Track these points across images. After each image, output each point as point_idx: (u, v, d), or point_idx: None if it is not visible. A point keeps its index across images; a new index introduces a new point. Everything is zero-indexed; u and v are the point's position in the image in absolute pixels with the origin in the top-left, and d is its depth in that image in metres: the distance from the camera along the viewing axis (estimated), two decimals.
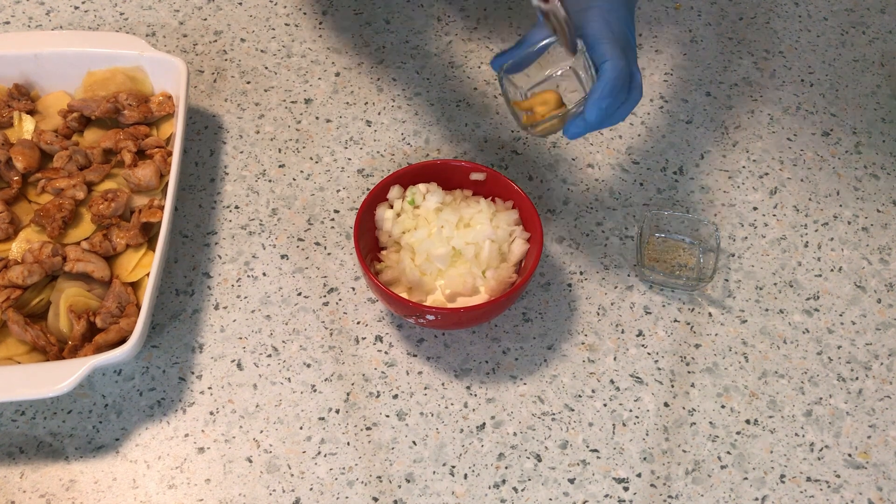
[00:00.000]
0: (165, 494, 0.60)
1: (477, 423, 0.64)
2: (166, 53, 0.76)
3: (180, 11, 0.89)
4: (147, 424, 0.63)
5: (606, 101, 0.57)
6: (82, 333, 0.63)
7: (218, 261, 0.72)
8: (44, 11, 0.89)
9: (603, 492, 0.61)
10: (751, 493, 0.62)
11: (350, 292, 0.70)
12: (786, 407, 0.66)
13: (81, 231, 0.69)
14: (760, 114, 0.84)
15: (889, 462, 0.64)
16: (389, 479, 0.61)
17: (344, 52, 0.87)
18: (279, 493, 0.61)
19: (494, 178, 0.68)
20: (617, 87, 0.57)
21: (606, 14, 0.59)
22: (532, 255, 0.65)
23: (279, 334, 0.68)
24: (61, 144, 0.72)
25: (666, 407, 0.65)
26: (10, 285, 0.64)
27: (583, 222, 0.75)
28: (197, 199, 0.76)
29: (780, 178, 0.79)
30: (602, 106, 0.57)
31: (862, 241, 0.75)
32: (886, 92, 0.87)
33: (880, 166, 0.81)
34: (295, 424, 0.64)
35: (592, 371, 0.67)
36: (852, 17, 0.94)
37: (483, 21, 0.90)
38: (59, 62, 0.76)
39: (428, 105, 0.83)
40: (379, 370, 0.66)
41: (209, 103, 0.82)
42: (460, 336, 0.68)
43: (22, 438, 0.63)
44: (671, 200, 0.77)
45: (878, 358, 0.69)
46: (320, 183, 0.77)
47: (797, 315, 0.71)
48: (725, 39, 0.90)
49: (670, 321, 0.70)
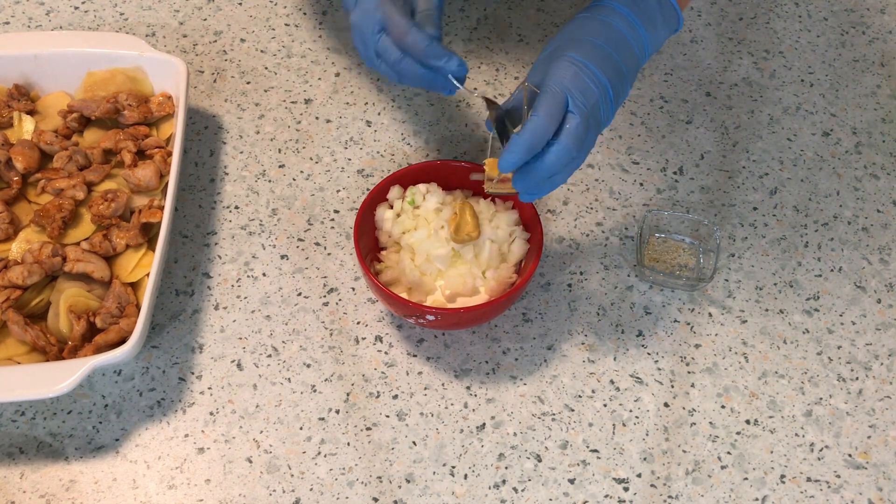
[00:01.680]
0: (165, 495, 0.60)
1: (477, 424, 0.64)
2: (166, 54, 0.76)
3: (180, 11, 0.89)
4: (147, 425, 0.63)
5: (516, 155, 0.54)
6: (82, 334, 0.63)
7: (218, 261, 0.72)
8: (44, 12, 0.89)
9: (603, 492, 0.61)
10: (751, 493, 0.62)
11: (350, 292, 0.70)
12: (786, 407, 0.66)
13: (81, 231, 0.69)
14: (760, 114, 0.84)
15: (889, 462, 0.64)
16: (389, 480, 0.61)
17: (344, 52, 0.87)
18: (279, 494, 0.61)
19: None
20: (530, 143, 0.54)
21: (575, 66, 0.56)
22: (532, 255, 0.65)
23: (279, 334, 0.68)
24: (61, 145, 0.72)
25: (666, 407, 0.65)
26: (10, 285, 0.64)
27: (583, 222, 0.75)
28: (197, 199, 0.76)
29: (780, 178, 0.79)
30: (511, 160, 0.54)
31: (862, 241, 0.75)
32: (886, 92, 0.87)
33: (880, 166, 0.81)
34: (295, 425, 0.64)
35: (592, 371, 0.67)
36: (852, 17, 0.94)
37: (483, 21, 0.90)
38: (58, 62, 0.76)
39: (428, 105, 0.83)
40: (379, 370, 0.66)
41: (209, 103, 0.82)
42: (460, 336, 0.68)
43: (22, 438, 0.63)
44: (671, 200, 0.77)
45: (878, 358, 0.69)
46: (320, 183, 0.77)
47: (797, 315, 0.71)
48: (725, 39, 0.90)
49: (670, 321, 0.70)
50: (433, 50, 0.59)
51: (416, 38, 0.59)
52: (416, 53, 0.59)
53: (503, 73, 0.86)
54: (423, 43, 0.58)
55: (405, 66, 0.61)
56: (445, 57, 0.59)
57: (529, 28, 0.90)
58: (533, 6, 0.92)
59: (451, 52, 0.59)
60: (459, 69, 0.59)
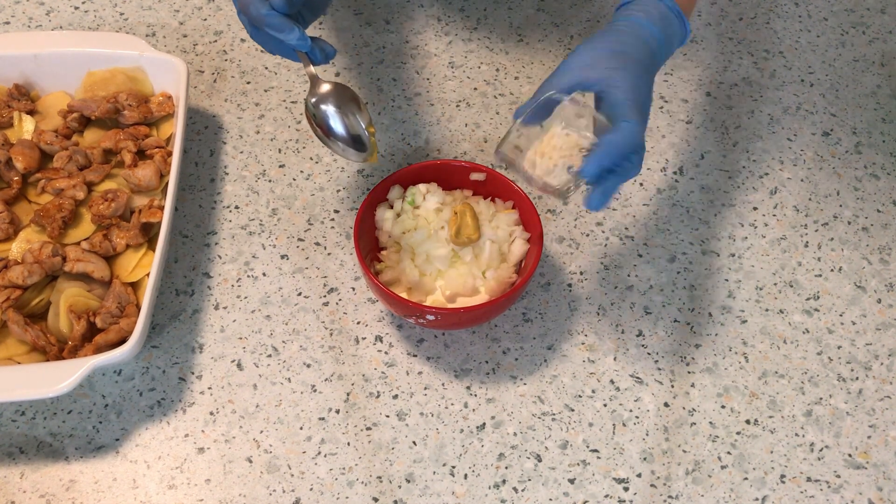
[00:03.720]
0: (165, 494, 0.60)
1: (477, 424, 0.64)
2: (166, 53, 0.76)
3: (180, 11, 0.90)
4: (147, 424, 0.64)
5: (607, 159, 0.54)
6: (82, 333, 0.63)
7: (218, 261, 0.72)
8: (44, 11, 0.89)
9: (603, 492, 0.61)
10: (751, 493, 0.62)
11: (350, 292, 0.70)
12: (786, 407, 0.66)
13: (81, 231, 0.69)
14: (760, 114, 0.84)
15: (889, 462, 0.64)
16: (389, 480, 0.61)
17: (344, 52, 0.87)
18: (279, 494, 0.61)
19: (494, 178, 0.68)
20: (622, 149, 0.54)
21: (636, 79, 0.57)
22: (532, 256, 0.65)
23: (279, 334, 0.68)
24: (61, 144, 0.72)
25: (666, 407, 0.65)
26: (10, 285, 0.64)
27: (583, 222, 0.75)
28: (197, 199, 0.76)
29: (780, 178, 0.79)
30: (603, 163, 0.54)
31: (862, 241, 0.75)
32: (886, 92, 0.87)
33: (880, 166, 0.81)
34: (295, 424, 0.64)
35: (592, 371, 0.67)
36: (852, 17, 0.94)
37: (483, 21, 0.90)
38: (58, 62, 0.76)
39: (428, 105, 0.83)
40: (379, 370, 0.66)
41: (209, 103, 0.82)
42: (460, 336, 0.68)
43: (22, 438, 0.63)
44: (671, 200, 0.77)
45: (878, 358, 0.69)
46: (320, 183, 0.77)
47: (797, 315, 0.71)
48: (725, 39, 0.90)
49: (670, 321, 0.70)
50: (271, 21, 0.58)
51: (256, 9, 0.58)
52: (260, 25, 0.59)
53: (503, 73, 0.86)
54: (260, 13, 0.58)
55: (260, 39, 0.61)
56: (286, 29, 0.58)
57: (529, 28, 0.90)
58: (533, 6, 0.92)
59: (291, 24, 0.59)
60: (301, 43, 0.59)
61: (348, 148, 0.62)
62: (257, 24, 0.59)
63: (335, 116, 0.61)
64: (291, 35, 0.59)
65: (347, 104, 0.61)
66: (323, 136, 0.62)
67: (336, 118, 0.61)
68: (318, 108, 0.61)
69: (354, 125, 0.61)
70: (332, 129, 0.61)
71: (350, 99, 0.62)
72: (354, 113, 0.61)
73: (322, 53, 0.61)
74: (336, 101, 0.61)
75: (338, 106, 0.61)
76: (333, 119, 0.61)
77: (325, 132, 0.62)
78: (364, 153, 0.62)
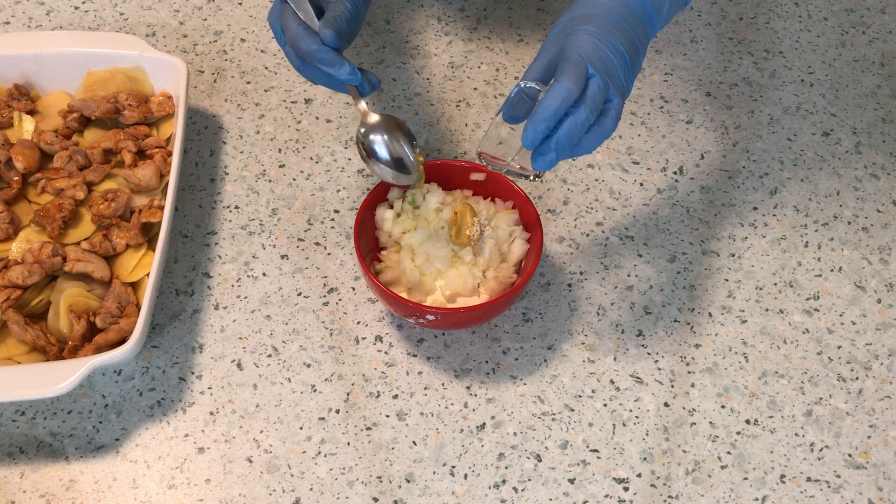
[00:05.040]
0: (165, 494, 0.60)
1: (477, 424, 0.64)
2: (166, 53, 0.76)
3: (180, 11, 0.90)
4: (147, 424, 0.64)
5: (542, 124, 0.53)
6: (82, 333, 0.63)
7: (218, 261, 0.72)
8: (44, 11, 0.89)
9: (603, 492, 0.61)
10: (751, 493, 0.62)
11: (350, 292, 0.70)
12: (786, 407, 0.66)
13: (81, 231, 0.69)
14: (760, 114, 0.84)
15: (889, 462, 0.64)
16: (389, 480, 0.61)
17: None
18: (279, 493, 0.61)
19: (494, 178, 0.68)
20: (555, 108, 0.53)
21: (593, 38, 0.56)
22: (532, 255, 0.65)
23: (279, 334, 0.68)
24: (61, 144, 0.72)
25: (666, 407, 0.65)
26: (10, 285, 0.64)
27: (583, 222, 0.75)
28: (197, 199, 0.76)
29: (780, 178, 0.79)
30: (538, 129, 0.53)
31: (862, 241, 0.75)
32: (886, 92, 0.87)
33: (880, 166, 0.81)
34: (295, 424, 0.64)
35: (592, 371, 0.67)
36: (852, 17, 0.94)
37: (483, 21, 0.90)
38: (59, 62, 0.76)
39: (428, 105, 0.83)
40: (379, 370, 0.66)
41: (209, 103, 0.82)
42: (460, 336, 0.68)
43: (22, 438, 0.63)
44: (671, 200, 0.77)
45: (878, 358, 0.69)
46: (320, 183, 0.77)
47: (797, 315, 0.71)
48: (725, 39, 0.90)
49: (670, 321, 0.70)
50: (322, 56, 0.59)
51: (307, 45, 0.60)
52: (311, 60, 0.60)
53: (503, 73, 0.86)
54: (311, 48, 0.59)
55: (308, 73, 0.63)
56: (337, 64, 0.60)
57: (529, 28, 0.90)
58: (533, 6, 0.92)
59: (342, 59, 0.60)
60: (351, 77, 0.60)
61: (400, 174, 0.64)
62: (308, 59, 0.60)
63: (382, 145, 0.63)
64: (342, 70, 0.60)
65: (394, 132, 0.63)
66: (372, 162, 0.64)
67: (383, 146, 0.63)
68: (367, 138, 0.63)
69: (399, 151, 0.63)
70: (378, 155, 0.63)
71: (396, 126, 0.64)
72: (400, 140, 0.63)
73: (369, 85, 0.63)
74: (384, 130, 0.63)
75: (385, 135, 0.63)
76: (380, 147, 0.63)
77: (373, 158, 0.64)
78: (413, 177, 0.64)
